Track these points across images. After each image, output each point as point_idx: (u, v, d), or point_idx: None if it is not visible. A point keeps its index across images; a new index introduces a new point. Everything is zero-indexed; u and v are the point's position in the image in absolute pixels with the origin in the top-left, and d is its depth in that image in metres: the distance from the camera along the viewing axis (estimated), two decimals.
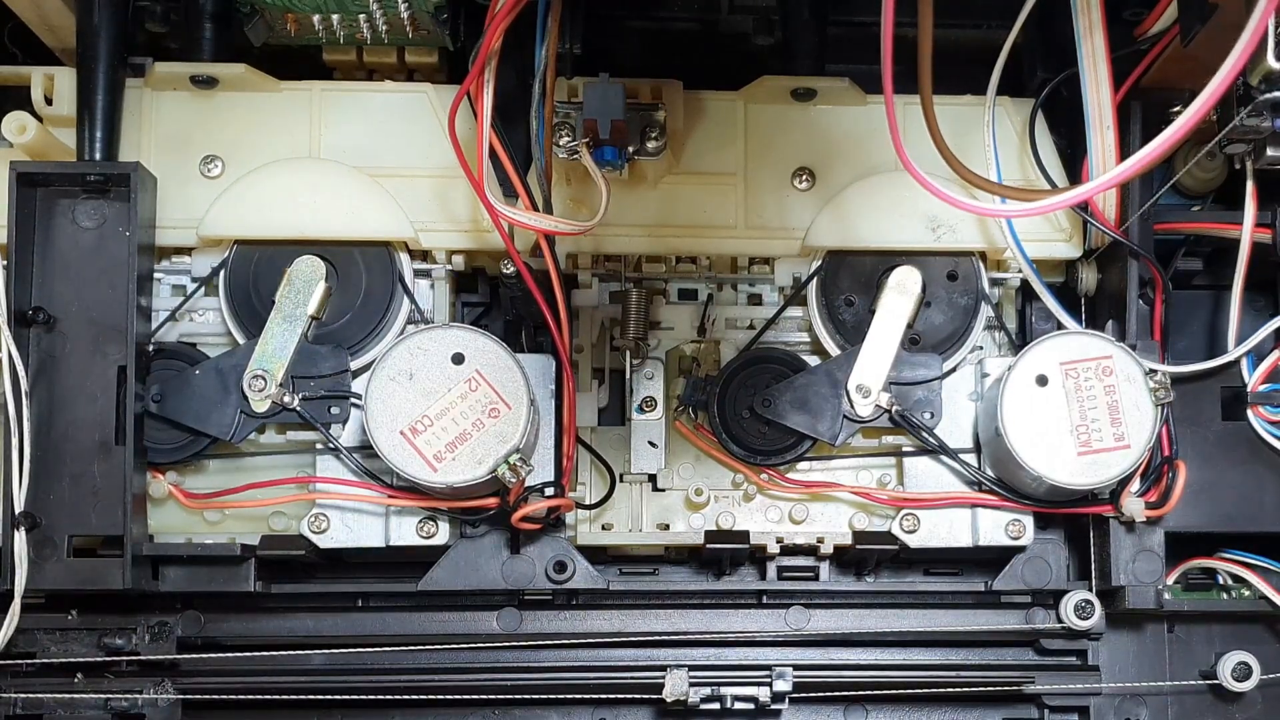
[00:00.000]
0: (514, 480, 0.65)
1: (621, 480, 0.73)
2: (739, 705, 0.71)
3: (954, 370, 0.72)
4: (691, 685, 0.71)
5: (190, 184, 0.71)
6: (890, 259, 0.71)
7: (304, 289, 0.69)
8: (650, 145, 0.67)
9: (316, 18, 0.69)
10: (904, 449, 0.73)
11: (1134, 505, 0.68)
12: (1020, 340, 0.74)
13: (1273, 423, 0.71)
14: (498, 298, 0.76)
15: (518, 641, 0.72)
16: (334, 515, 0.70)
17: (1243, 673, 0.71)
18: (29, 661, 0.70)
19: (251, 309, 0.70)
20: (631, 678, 0.72)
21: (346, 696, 0.72)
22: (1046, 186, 0.70)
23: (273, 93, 0.72)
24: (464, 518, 0.71)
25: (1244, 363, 0.71)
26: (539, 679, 0.72)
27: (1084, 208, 0.69)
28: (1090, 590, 0.72)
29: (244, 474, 0.72)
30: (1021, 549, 0.72)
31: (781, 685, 0.71)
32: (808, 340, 0.74)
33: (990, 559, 0.73)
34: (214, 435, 0.69)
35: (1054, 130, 0.72)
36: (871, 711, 0.75)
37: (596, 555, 0.74)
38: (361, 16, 0.69)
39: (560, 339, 0.68)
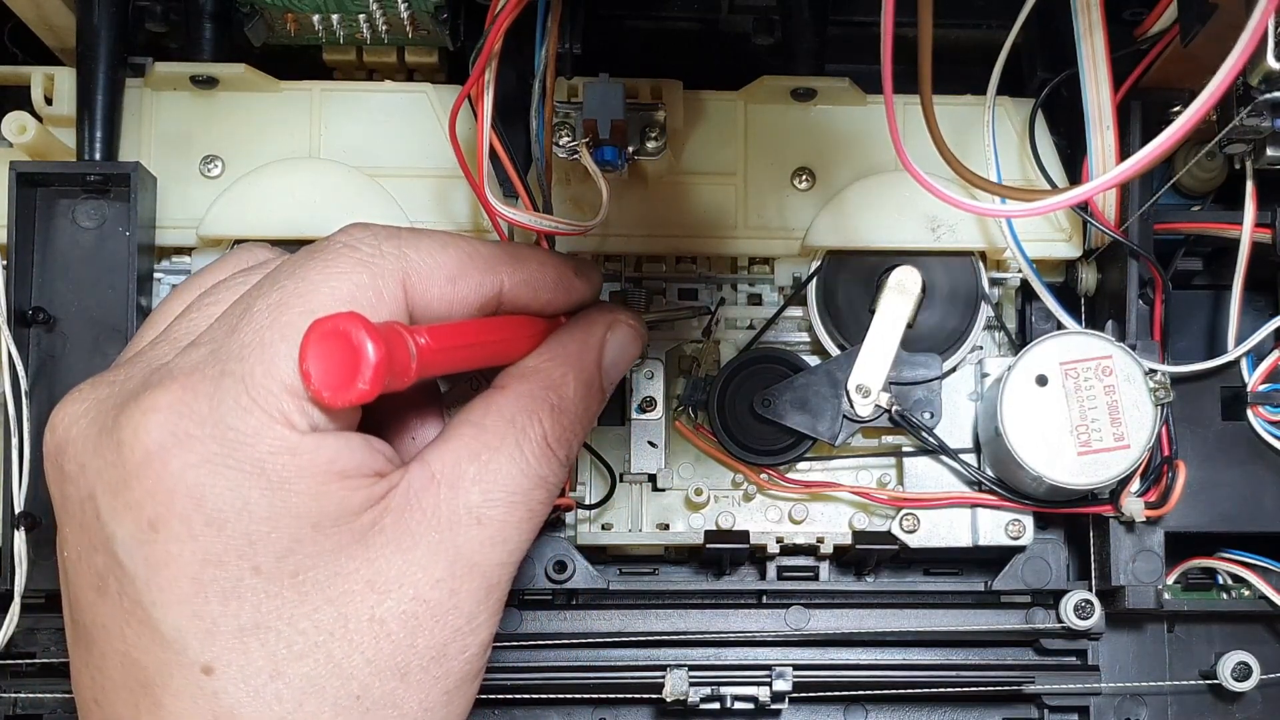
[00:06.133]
0: None
1: (621, 480, 0.73)
2: (739, 705, 0.71)
3: (954, 370, 0.72)
4: (691, 685, 0.71)
5: (190, 184, 0.71)
6: (890, 259, 0.71)
7: None
8: (650, 145, 0.67)
9: (316, 18, 0.69)
10: (904, 449, 0.73)
11: (1134, 505, 0.68)
12: (1020, 340, 0.74)
13: (1273, 423, 0.71)
14: None
15: (517, 641, 0.72)
16: None
17: (1243, 673, 0.71)
18: (29, 661, 0.70)
19: None
20: (631, 677, 0.72)
21: None
22: (1046, 186, 0.70)
23: (273, 93, 0.72)
24: None
25: (1244, 363, 0.71)
26: (539, 679, 0.72)
27: (1084, 208, 0.69)
28: (1090, 590, 0.72)
29: None
30: (1021, 549, 0.72)
31: (781, 685, 0.71)
32: (808, 340, 0.74)
33: (990, 559, 0.73)
34: None
35: (1054, 130, 0.72)
36: (871, 711, 0.75)
37: (596, 555, 0.74)
38: (361, 16, 0.69)
39: None
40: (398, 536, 0.47)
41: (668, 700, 0.71)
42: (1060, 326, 0.70)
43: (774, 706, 0.72)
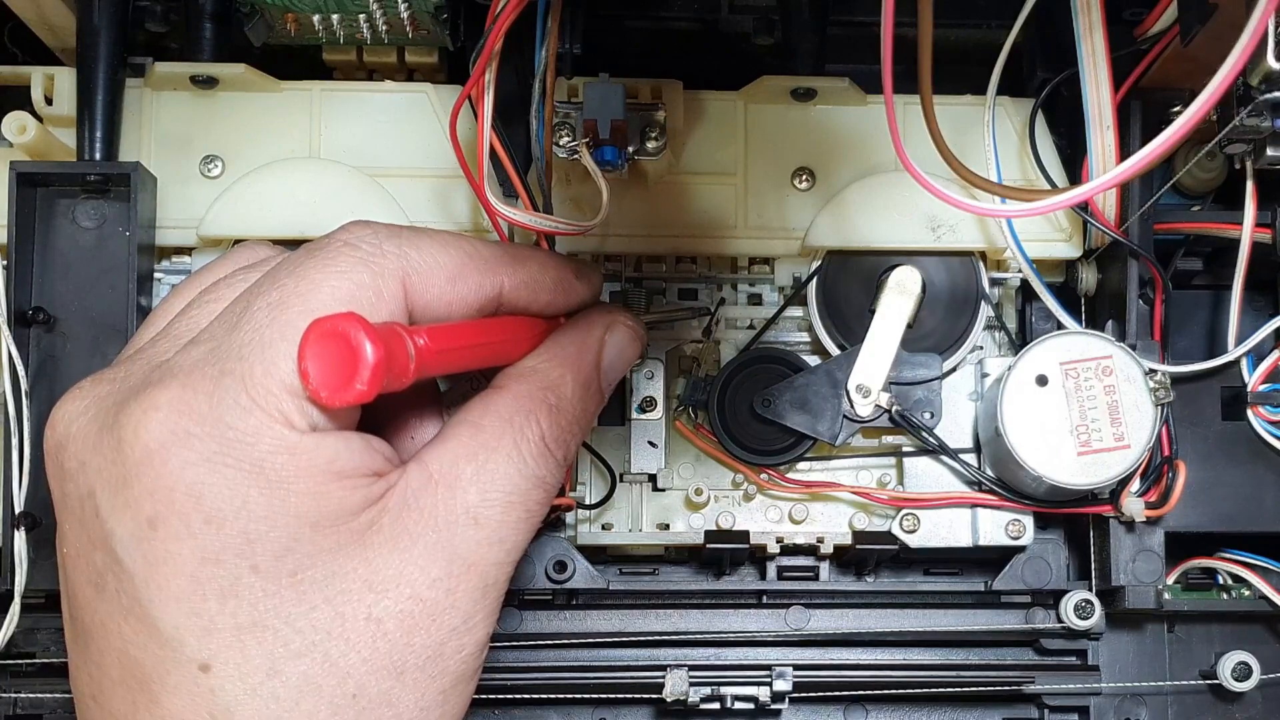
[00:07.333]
0: None
1: (621, 480, 0.73)
2: (739, 705, 0.71)
3: (954, 370, 0.72)
4: (691, 685, 0.71)
5: (190, 184, 0.71)
6: (890, 259, 0.71)
7: None
8: (650, 145, 0.67)
9: (316, 18, 0.69)
10: (904, 449, 0.73)
11: (1134, 505, 0.68)
12: (1020, 340, 0.74)
13: (1273, 423, 0.71)
14: None
15: (517, 641, 0.72)
16: None
17: (1243, 673, 0.71)
18: (29, 661, 0.70)
19: None
20: (631, 677, 0.72)
21: None
22: (1046, 186, 0.70)
23: (273, 93, 0.72)
24: None
25: (1244, 363, 0.71)
26: (539, 679, 0.72)
27: (1084, 208, 0.69)
28: (1090, 590, 0.72)
29: None
30: (1021, 549, 0.72)
31: (781, 685, 0.71)
32: (808, 340, 0.74)
33: (990, 559, 0.73)
34: None
35: (1054, 130, 0.72)
36: (871, 711, 0.75)
37: (596, 555, 0.74)
38: (361, 16, 0.69)
39: None
40: (395, 536, 0.47)
41: (668, 700, 0.71)
42: (1060, 326, 0.70)
43: (774, 706, 0.72)
